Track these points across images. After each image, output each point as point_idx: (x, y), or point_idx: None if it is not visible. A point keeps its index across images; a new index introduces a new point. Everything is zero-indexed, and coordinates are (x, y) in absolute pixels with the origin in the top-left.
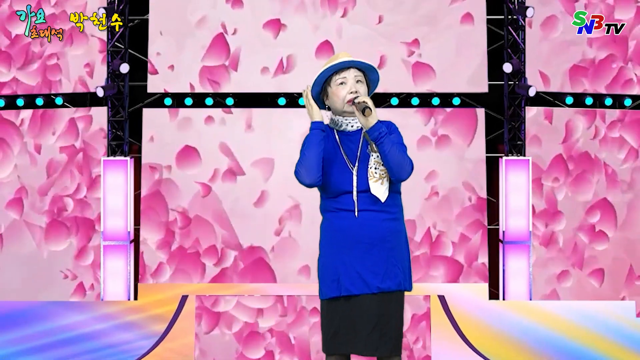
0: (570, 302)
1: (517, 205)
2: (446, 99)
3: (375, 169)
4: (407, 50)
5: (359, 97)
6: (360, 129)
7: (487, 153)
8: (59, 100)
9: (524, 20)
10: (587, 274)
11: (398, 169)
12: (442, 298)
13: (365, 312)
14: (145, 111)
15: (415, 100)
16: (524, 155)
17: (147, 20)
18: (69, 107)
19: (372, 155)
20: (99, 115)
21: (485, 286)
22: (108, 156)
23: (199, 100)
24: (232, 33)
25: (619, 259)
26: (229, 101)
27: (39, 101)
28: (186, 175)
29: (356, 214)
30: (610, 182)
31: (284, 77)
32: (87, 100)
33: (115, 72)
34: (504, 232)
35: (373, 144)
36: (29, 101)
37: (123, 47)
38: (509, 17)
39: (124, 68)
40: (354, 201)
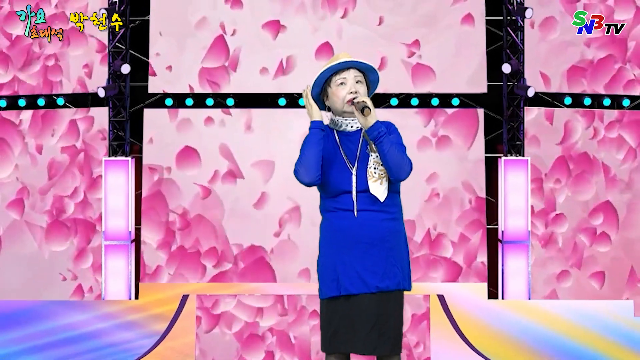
0: (569, 302)
1: (516, 205)
2: (445, 100)
3: (375, 169)
4: (407, 51)
5: (358, 97)
6: (360, 129)
7: (486, 153)
8: (60, 101)
9: (523, 21)
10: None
11: (397, 168)
12: (441, 297)
13: (364, 312)
14: (146, 111)
15: (414, 101)
16: (522, 156)
17: (148, 21)
18: (70, 107)
19: (372, 155)
20: (100, 116)
21: (485, 286)
22: (109, 156)
23: (199, 100)
24: (233, 34)
25: (617, 258)
26: (230, 102)
27: (41, 102)
28: (186, 176)
29: (355, 213)
30: (609, 182)
31: (284, 78)
32: (89, 100)
33: (117, 72)
34: (502, 231)
35: (372, 144)
36: (31, 102)
37: (124, 47)
38: (508, 18)
39: (125, 69)
40: (353, 201)
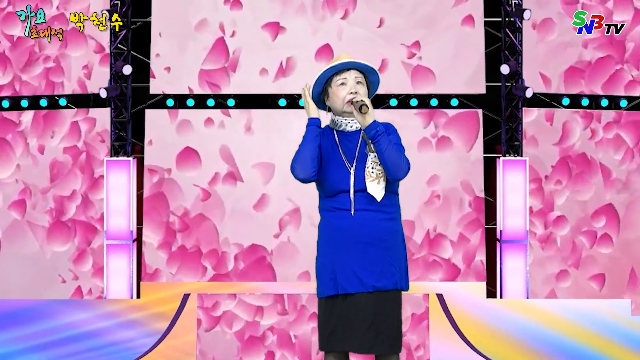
0: (567, 301)
1: (514, 205)
2: (444, 100)
3: (373, 168)
4: (406, 52)
5: (357, 97)
6: (360, 129)
7: (484, 153)
8: (62, 102)
9: (521, 23)
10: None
11: (394, 167)
12: (440, 296)
13: (361, 311)
14: (147, 112)
15: (413, 102)
16: (521, 156)
17: (149, 23)
18: (72, 108)
19: (370, 155)
20: (101, 117)
21: (483, 285)
22: (111, 157)
23: (200, 101)
24: (234, 35)
25: (616, 259)
26: (230, 102)
27: (43, 102)
28: (187, 176)
29: (352, 212)
30: (607, 183)
31: (285, 79)
32: (91, 101)
33: (118, 73)
34: (501, 231)
35: (371, 144)
36: (33, 102)
37: (126, 49)
38: (506, 19)
39: (127, 70)
40: (350, 200)
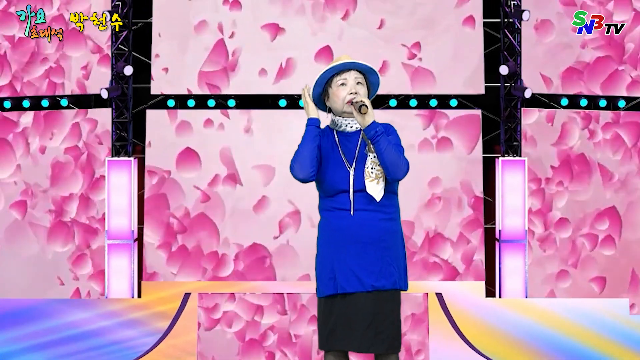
0: (566, 300)
1: (513, 205)
2: (444, 101)
3: (372, 168)
4: (405, 53)
5: (357, 97)
6: (360, 130)
7: (483, 154)
8: (64, 102)
9: (520, 24)
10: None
11: (393, 168)
12: (439, 296)
13: (360, 310)
14: (148, 112)
15: (413, 102)
16: (519, 156)
17: (150, 24)
18: (74, 108)
19: (370, 156)
20: (103, 117)
21: (482, 284)
22: (112, 157)
23: (201, 101)
24: (234, 36)
25: (616, 259)
26: (231, 103)
27: (45, 103)
28: (188, 176)
29: (352, 212)
30: (605, 183)
31: (285, 80)
32: (92, 101)
33: (119, 74)
34: (500, 231)
35: (371, 145)
36: (35, 103)
37: (127, 49)
38: (505, 20)
39: (128, 70)
40: (350, 200)
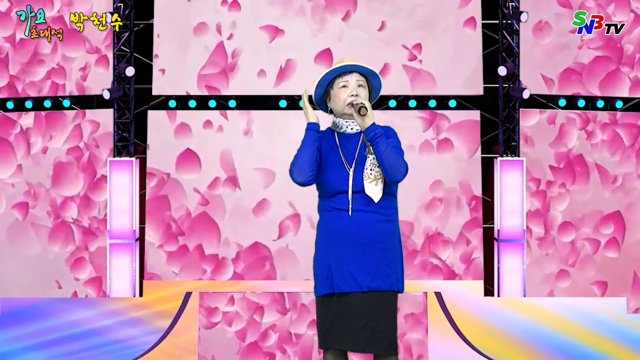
0: (564, 299)
1: (511, 205)
2: (443, 102)
3: (371, 170)
4: (405, 54)
5: (357, 99)
6: (360, 132)
7: (482, 154)
8: (66, 103)
9: (518, 25)
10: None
11: (392, 170)
12: (438, 295)
13: (356, 310)
14: (150, 113)
15: (412, 103)
16: (518, 156)
17: (152, 25)
18: (76, 109)
19: (369, 157)
20: (104, 118)
21: (481, 283)
22: (114, 157)
23: (202, 102)
24: (235, 38)
25: (615, 259)
26: (232, 103)
27: (47, 103)
28: (188, 178)
29: (350, 213)
30: (604, 183)
31: (286, 81)
32: (94, 102)
33: (121, 75)
34: (498, 230)
35: (370, 146)
36: (37, 103)
37: (128, 50)
38: (504, 21)
39: (130, 71)
40: (348, 201)
